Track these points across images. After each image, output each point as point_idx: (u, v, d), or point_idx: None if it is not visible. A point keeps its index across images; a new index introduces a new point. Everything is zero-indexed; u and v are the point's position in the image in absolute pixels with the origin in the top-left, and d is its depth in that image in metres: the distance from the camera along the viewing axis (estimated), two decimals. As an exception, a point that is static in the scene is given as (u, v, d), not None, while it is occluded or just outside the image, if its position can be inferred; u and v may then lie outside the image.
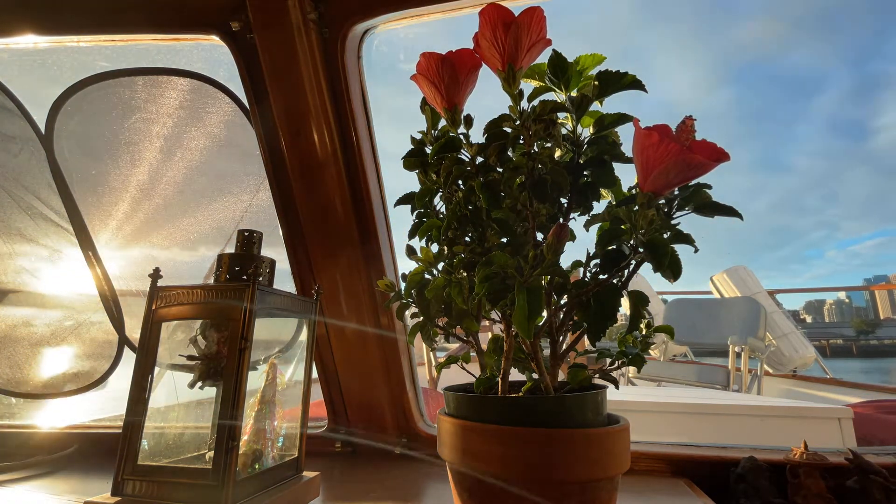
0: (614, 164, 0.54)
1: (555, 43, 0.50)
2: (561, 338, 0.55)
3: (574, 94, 0.53)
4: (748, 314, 3.28)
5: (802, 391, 3.52)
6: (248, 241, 0.67)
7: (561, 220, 0.55)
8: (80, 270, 1.10)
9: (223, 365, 0.62)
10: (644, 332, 0.57)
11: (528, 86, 0.54)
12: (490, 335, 0.61)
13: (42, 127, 1.05)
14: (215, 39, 0.88)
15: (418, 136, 0.60)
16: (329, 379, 0.99)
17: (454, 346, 2.85)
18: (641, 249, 0.47)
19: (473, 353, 0.65)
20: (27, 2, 0.94)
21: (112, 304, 1.10)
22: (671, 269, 0.45)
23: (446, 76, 0.53)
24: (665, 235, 0.47)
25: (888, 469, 0.69)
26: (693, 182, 0.47)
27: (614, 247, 0.51)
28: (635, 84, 0.51)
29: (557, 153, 0.55)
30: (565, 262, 0.50)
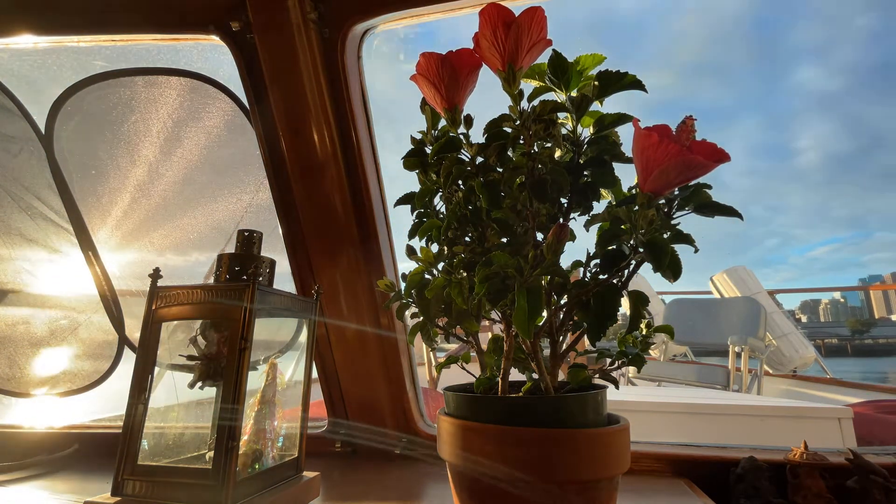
0: (614, 164, 0.54)
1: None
2: (561, 338, 0.55)
3: (574, 94, 0.53)
4: (748, 314, 3.28)
5: (802, 391, 3.51)
6: (248, 241, 0.67)
7: (561, 220, 0.55)
8: (80, 270, 1.10)
9: (223, 365, 0.62)
10: (644, 332, 0.57)
11: (528, 86, 0.54)
12: (490, 335, 0.61)
13: (42, 127, 1.05)
14: (215, 39, 0.88)
15: (418, 136, 0.60)
16: (329, 379, 0.99)
17: (454, 346, 2.85)
18: (641, 249, 0.47)
19: (473, 353, 0.65)
20: (27, 2, 0.94)
21: (112, 304, 1.10)
22: (671, 269, 0.45)
23: (446, 76, 0.53)
24: (665, 235, 0.47)
25: (888, 469, 0.69)
26: (693, 182, 0.47)
27: (614, 247, 0.51)
28: (635, 84, 0.51)
29: (557, 153, 0.55)
30: (565, 262, 0.50)
